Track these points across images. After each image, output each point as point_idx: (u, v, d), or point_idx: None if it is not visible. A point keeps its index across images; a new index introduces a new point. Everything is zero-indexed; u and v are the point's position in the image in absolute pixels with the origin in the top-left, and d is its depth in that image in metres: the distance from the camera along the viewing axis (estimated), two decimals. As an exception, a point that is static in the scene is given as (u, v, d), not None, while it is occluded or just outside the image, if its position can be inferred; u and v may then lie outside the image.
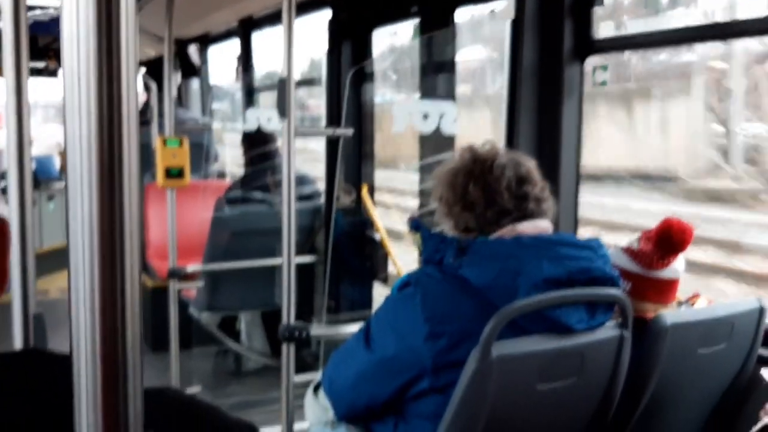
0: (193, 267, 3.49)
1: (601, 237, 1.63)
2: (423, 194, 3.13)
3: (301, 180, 3.99)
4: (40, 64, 5.56)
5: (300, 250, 3.85)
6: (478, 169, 1.57)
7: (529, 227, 1.54)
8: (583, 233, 2.46)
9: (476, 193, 1.55)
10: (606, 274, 1.52)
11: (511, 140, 2.37)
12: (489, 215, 1.54)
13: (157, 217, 4.27)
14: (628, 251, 1.80)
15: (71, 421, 0.50)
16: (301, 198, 3.95)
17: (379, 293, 3.63)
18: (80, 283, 0.48)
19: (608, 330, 1.52)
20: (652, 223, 1.76)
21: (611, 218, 6.86)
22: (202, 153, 4.84)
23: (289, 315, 2.10)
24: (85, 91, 0.45)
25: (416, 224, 1.65)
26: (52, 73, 5.70)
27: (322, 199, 3.83)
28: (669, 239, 1.72)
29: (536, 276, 1.44)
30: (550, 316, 1.44)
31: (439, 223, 1.66)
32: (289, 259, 2.10)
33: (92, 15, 0.46)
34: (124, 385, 0.48)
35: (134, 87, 0.46)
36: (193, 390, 3.66)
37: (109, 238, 0.46)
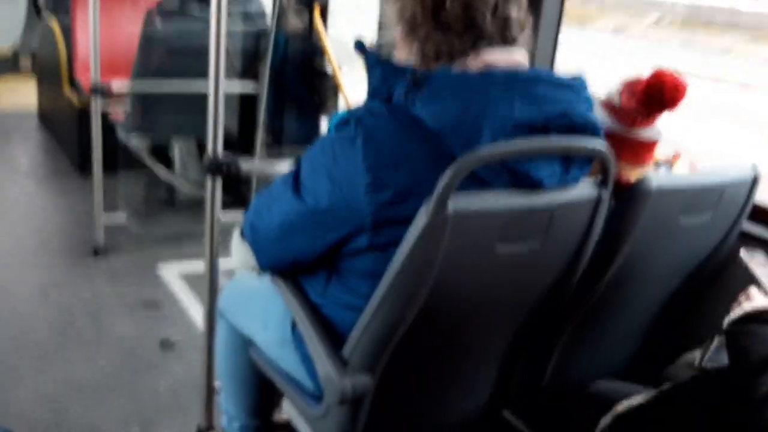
0: (118, 84, 3.13)
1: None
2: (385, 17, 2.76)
3: (248, -5, 3.56)
4: None
5: (243, 76, 3.51)
6: None
7: (502, 58, 1.24)
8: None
9: (455, 10, 1.23)
10: (588, 121, 1.26)
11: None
12: (465, 39, 1.23)
13: (85, 27, 3.82)
14: (608, 106, 1.55)
15: None
16: (246, 17, 3.55)
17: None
18: None
19: (584, 189, 1.28)
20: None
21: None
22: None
23: (215, 146, 1.82)
24: None
25: (362, 46, 1.33)
26: None
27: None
28: (659, 96, 1.48)
29: (505, 119, 1.17)
30: (517, 168, 1.19)
31: (395, 48, 1.35)
32: (216, 83, 1.78)
33: None
34: None
35: None
36: (118, 218, 3.42)
37: None
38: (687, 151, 1.72)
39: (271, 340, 1.55)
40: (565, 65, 1.64)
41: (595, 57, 8.61)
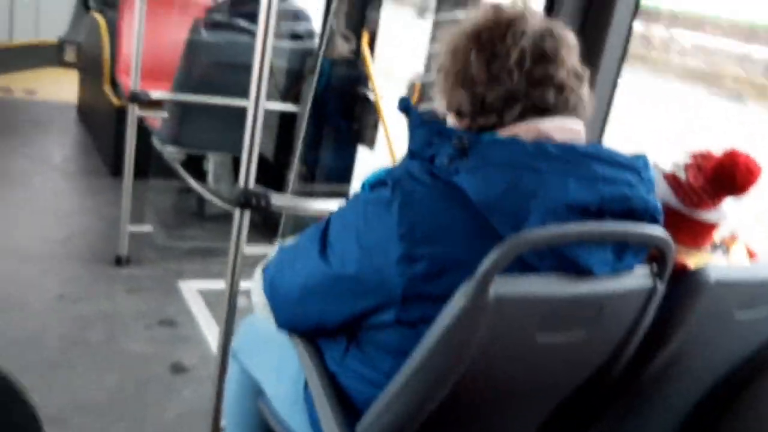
0: (158, 93, 3.08)
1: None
2: (432, 60, 2.67)
3: (297, 15, 3.50)
4: None
5: (284, 97, 3.45)
6: (488, 33, 1.15)
7: (556, 128, 1.14)
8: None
9: (478, 65, 1.14)
10: (648, 206, 1.16)
11: (551, 6, 1.89)
12: (490, 99, 1.13)
13: (131, 27, 3.80)
14: (671, 180, 1.43)
15: None
16: (293, 37, 3.49)
17: (364, 162, 3.26)
18: None
19: (638, 278, 1.18)
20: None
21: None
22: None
23: (247, 177, 1.74)
24: None
25: (406, 104, 1.24)
26: None
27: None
28: (730, 179, 1.35)
29: (558, 198, 1.06)
30: (566, 252, 1.09)
31: (433, 100, 1.26)
32: (255, 109, 1.70)
33: None
34: None
35: None
36: (144, 229, 3.36)
37: None
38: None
39: (282, 395, 1.46)
40: None
41: None
